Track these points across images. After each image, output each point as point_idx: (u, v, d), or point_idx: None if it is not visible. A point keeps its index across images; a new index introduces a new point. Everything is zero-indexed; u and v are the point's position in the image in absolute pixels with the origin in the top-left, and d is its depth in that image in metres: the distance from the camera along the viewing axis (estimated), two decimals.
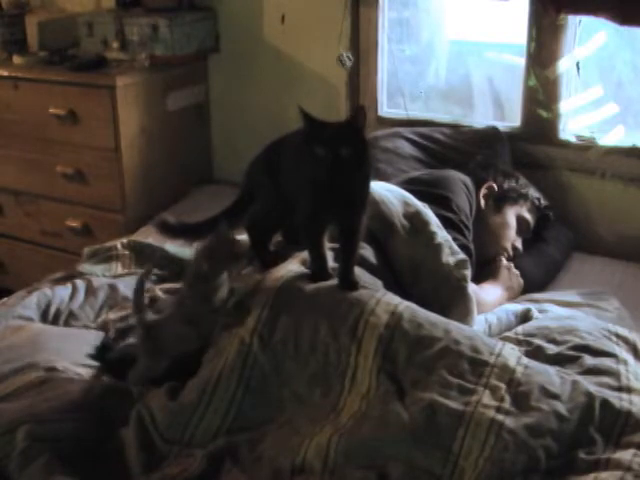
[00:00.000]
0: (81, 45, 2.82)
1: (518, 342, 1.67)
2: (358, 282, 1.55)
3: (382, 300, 1.52)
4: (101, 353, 1.72)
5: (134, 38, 2.70)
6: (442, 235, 1.78)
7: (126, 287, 2.03)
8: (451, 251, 1.76)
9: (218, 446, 1.42)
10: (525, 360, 1.48)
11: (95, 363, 1.69)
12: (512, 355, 1.48)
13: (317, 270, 1.57)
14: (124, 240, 2.23)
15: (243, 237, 2.21)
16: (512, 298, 2.02)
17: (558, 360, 1.57)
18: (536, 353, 1.60)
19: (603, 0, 2.09)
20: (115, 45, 2.72)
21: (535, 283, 2.11)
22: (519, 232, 2.16)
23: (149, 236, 2.32)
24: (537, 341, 1.65)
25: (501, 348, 1.49)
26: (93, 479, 1.39)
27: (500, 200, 2.15)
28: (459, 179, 2.07)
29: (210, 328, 1.56)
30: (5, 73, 2.77)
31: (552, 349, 1.61)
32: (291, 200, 1.59)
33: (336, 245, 1.63)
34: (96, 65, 2.68)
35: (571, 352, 1.60)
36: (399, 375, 1.44)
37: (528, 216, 2.18)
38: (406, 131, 2.49)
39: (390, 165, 2.36)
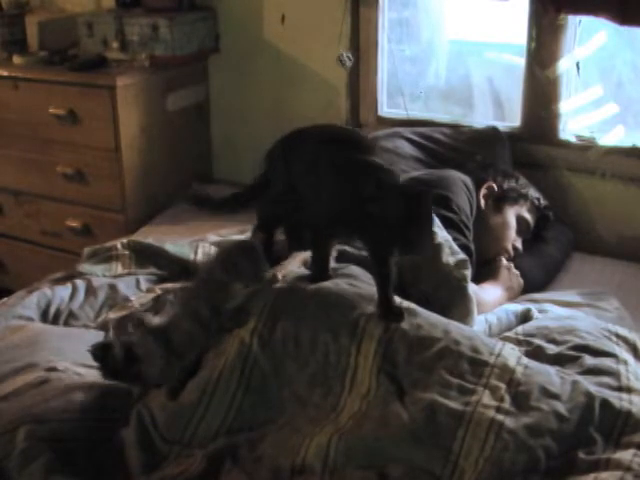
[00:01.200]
0: (81, 45, 2.82)
1: (518, 342, 1.66)
2: (402, 310, 1.51)
3: None
4: (102, 353, 1.71)
5: (134, 38, 2.69)
6: (442, 235, 1.78)
7: (126, 287, 2.03)
8: (451, 251, 1.76)
9: (218, 446, 1.42)
10: (525, 360, 1.48)
11: (95, 363, 1.69)
12: (512, 355, 1.48)
13: (318, 271, 1.57)
14: (124, 240, 2.22)
15: (242, 236, 2.22)
16: (512, 298, 2.02)
17: (558, 360, 1.57)
18: (536, 353, 1.60)
19: (603, 0, 2.09)
20: (115, 45, 2.72)
21: (535, 283, 2.11)
22: (519, 232, 2.16)
23: (149, 236, 2.32)
24: (537, 341, 1.65)
25: (501, 348, 1.49)
26: (93, 479, 1.40)
27: (500, 200, 2.15)
28: (459, 179, 2.07)
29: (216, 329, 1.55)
30: (5, 73, 2.77)
31: (552, 349, 1.61)
32: (303, 197, 1.57)
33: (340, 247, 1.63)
34: (96, 65, 2.68)
35: (571, 352, 1.60)
36: (399, 375, 1.44)
37: (528, 216, 2.18)
38: (406, 131, 2.49)
39: (390, 165, 2.35)
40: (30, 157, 2.81)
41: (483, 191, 2.15)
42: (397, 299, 1.56)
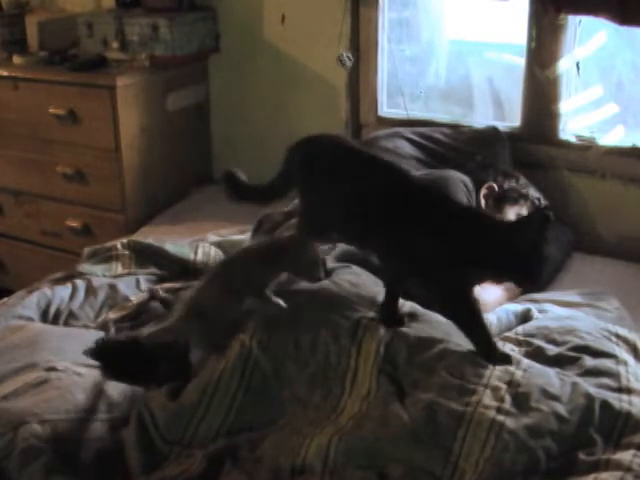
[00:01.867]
0: (81, 45, 2.82)
1: (518, 342, 1.66)
2: (403, 317, 1.53)
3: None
4: (100, 350, 1.71)
5: (134, 38, 2.69)
6: None
7: (126, 287, 2.03)
8: None
9: (218, 447, 1.42)
10: (525, 361, 1.48)
11: (95, 362, 1.69)
12: (513, 356, 1.48)
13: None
14: (124, 240, 2.22)
15: (242, 236, 2.22)
16: (512, 298, 2.01)
17: (558, 361, 1.57)
18: (536, 354, 1.59)
19: (603, 0, 2.09)
20: (115, 45, 2.72)
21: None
22: None
23: (149, 236, 2.32)
24: (537, 342, 1.65)
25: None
26: (93, 479, 1.40)
27: (500, 200, 2.15)
28: (459, 179, 2.07)
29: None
30: (5, 73, 2.77)
31: (552, 350, 1.61)
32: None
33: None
34: (96, 65, 2.68)
35: (571, 353, 1.59)
36: (399, 376, 1.44)
37: None
38: (406, 131, 2.49)
39: None
40: (30, 157, 2.81)
41: (483, 191, 2.15)
42: (400, 301, 1.56)
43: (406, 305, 1.54)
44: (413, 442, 1.34)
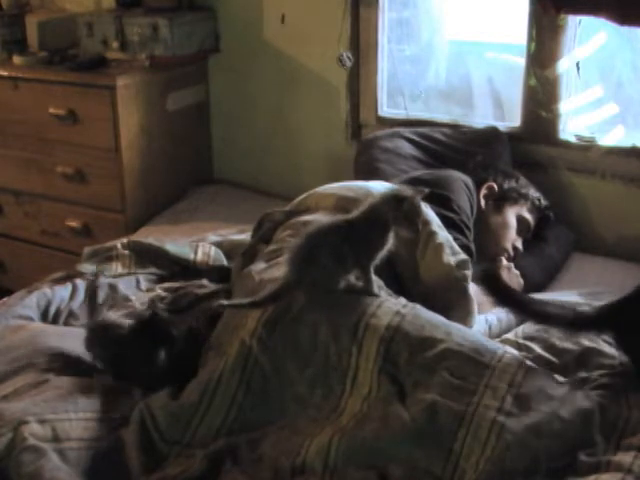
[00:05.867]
0: (81, 45, 2.81)
1: (518, 346, 1.67)
2: None
3: (384, 302, 1.52)
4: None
5: (134, 38, 2.69)
6: (443, 235, 1.78)
7: (126, 287, 2.04)
8: (452, 251, 1.76)
9: (218, 447, 1.42)
10: (527, 364, 1.48)
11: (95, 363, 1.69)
12: (514, 358, 1.48)
13: None
14: (124, 240, 2.22)
15: (242, 236, 2.22)
16: None
17: (557, 370, 1.58)
18: (536, 362, 1.59)
19: (603, 0, 2.09)
20: (115, 45, 2.71)
21: (535, 283, 2.10)
22: (519, 232, 2.16)
23: (149, 236, 2.33)
24: (537, 348, 1.65)
25: (504, 351, 1.49)
26: (93, 479, 1.40)
27: (500, 200, 2.15)
28: (460, 179, 2.08)
29: None
30: (5, 73, 2.77)
31: (551, 359, 1.62)
32: None
33: None
34: (96, 65, 2.68)
35: (570, 364, 1.60)
36: (400, 376, 1.44)
37: (528, 216, 2.18)
38: (406, 131, 2.49)
39: (390, 165, 2.36)
40: (30, 157, 2.81)
41: (483, 191, 2.15)
42: (401, 299, 1.56)
43: (407, 306, 1.54)
44: (414, 442, 1.34)
